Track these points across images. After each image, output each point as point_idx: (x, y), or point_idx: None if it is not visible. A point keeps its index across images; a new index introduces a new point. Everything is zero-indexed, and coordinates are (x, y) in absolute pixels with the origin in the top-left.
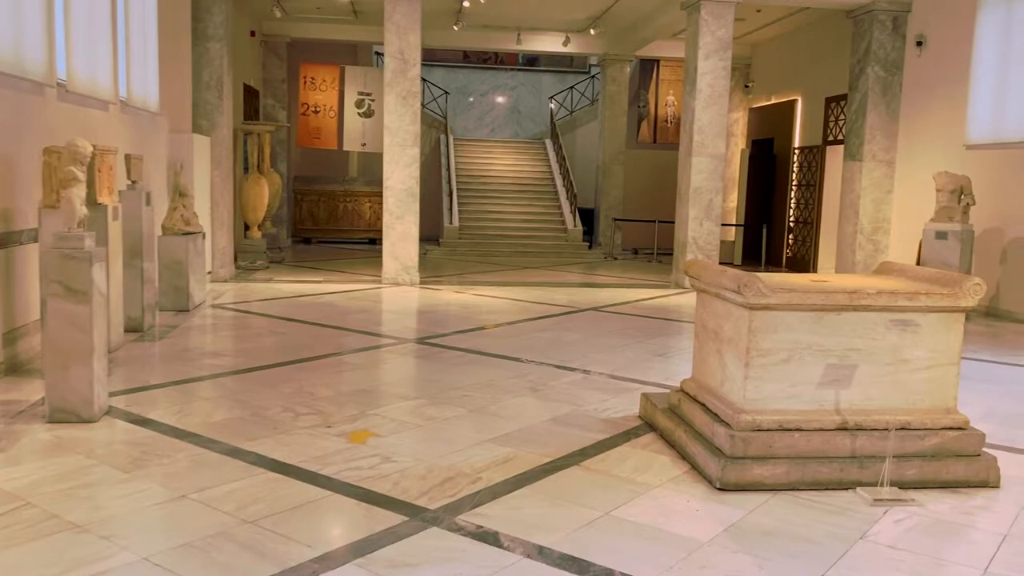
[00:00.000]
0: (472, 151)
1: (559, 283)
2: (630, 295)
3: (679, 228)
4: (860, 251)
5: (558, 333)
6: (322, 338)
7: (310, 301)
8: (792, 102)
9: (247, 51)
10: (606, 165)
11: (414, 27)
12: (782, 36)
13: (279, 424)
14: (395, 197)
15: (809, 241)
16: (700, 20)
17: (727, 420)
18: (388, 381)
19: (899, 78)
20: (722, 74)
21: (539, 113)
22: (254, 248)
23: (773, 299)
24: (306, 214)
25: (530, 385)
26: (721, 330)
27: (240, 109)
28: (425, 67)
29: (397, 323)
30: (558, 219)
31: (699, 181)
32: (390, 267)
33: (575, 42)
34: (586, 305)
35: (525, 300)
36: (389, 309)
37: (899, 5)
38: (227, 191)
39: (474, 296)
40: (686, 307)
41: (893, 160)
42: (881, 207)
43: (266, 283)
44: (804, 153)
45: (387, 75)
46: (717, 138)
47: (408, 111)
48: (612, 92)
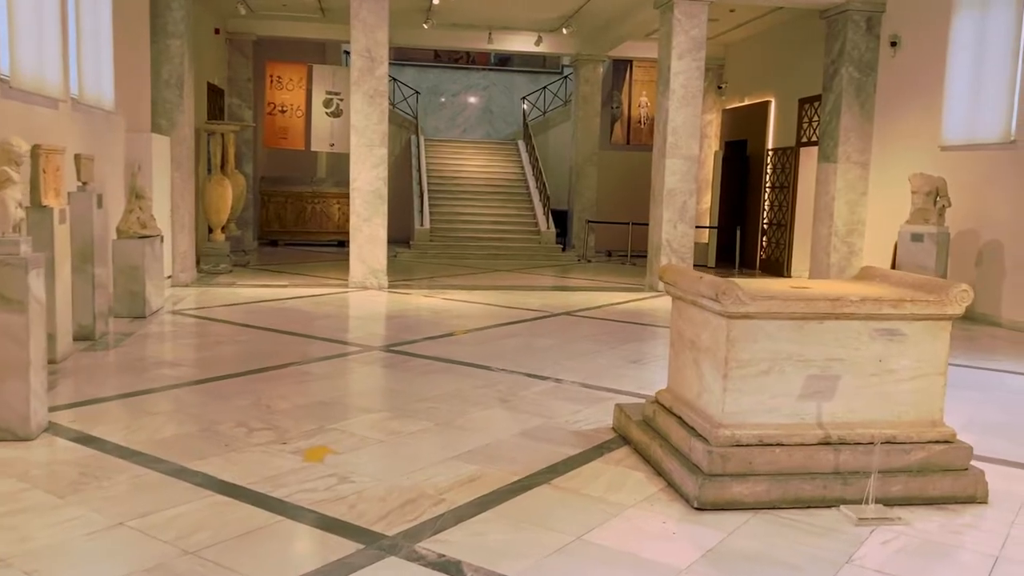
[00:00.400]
0: (443, 152)
1: (531, 286)
2: (603, 299)
3: (653, 230)
4: (835, 253)
5: (529, 339)
6: (284, 346)
7: (274, 306)
8: (765, 103)
9: (211, 49)
10: (579, 166)
11: (381, 24)
12: (755, 37)
13: (231, 441)
14: (362, 199)
15: (783, 243)
16: (673, 20)
17: (705, 435)
18: (351, 392)
19: (873, 79)
20: (696, 74)
21: (511, 114)
22: (217, 251)
23: (752, 307)
24: (273, 216)
25: (499, 395)
26: (698, 339)
27: (203, 108)
28: (395, 66)
29: (363, 329)
30: (531, 221)
31: (673, 183)
32: (357, 271)
33: (547, 42)
34: (559, 309)
35: (497, 304)
36: (356, 314)
37: (873, 5)
38: (188, 192)
39: (444, 300)
40: (660, 311)
41: (867, 162)
42: (855, 209)
43: (229, 288)
44: (778, 155)
45: (354, 73)
46: (691, 139)
47: (376, 110)
48: (585, 93)
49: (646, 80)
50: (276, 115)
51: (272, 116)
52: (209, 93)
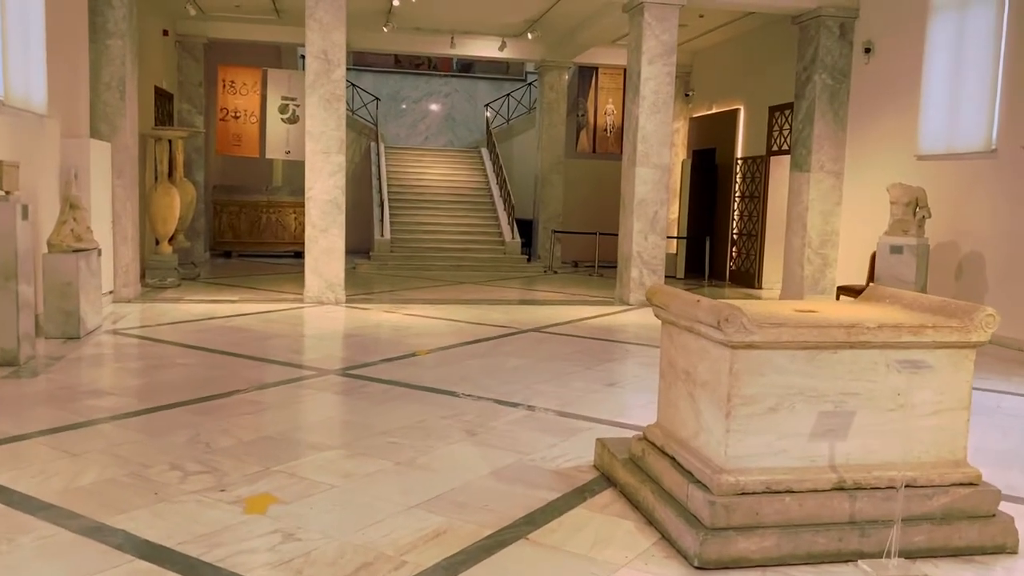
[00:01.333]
0: (404, 160)
1: (497, 300)
2: (573, 313)
3: (623, 241)
4: (808, 265)
5: (497, 359)
6: (231, 370)
7: (222, 324)
8: (734, 111)
9: (158, 51)
10: (544, 175)
11: (338, 25)
12: (724, 43)
13: (162, 488)
14: (318, 208)
15: (753, 254)
16: (643, 23)
17: (705, 481)
18: (301, 425)
19: (847, 86)
20: (667, 80)
21: (474, 121)
22: (164, 264)
23: (759, 336)
24: (226, 226)
25: (467, 427)
26: (694, 371)
27: (149, 113)
28: (354, 72)
29: (318, 350)
30: (495, 231)
31: (644, 192)
32: (313, 285)
33: (512, 47)
34: (527, 325)
35: (461, 320)
36: (310, 333)
37: (846, 11)
38: (131, 202)
39: (405, 316)
40: (631, 326)
41: (841, 171)
42: (829, 220)
43: (175, 303)
44: (747, 164)
45: (309, 76)
46: (662, 147)
47: (332, 115)
48: (550, 100)
49: (612, 87)
50: (229, 121)
51: (225, 122)
52: (157, 98)
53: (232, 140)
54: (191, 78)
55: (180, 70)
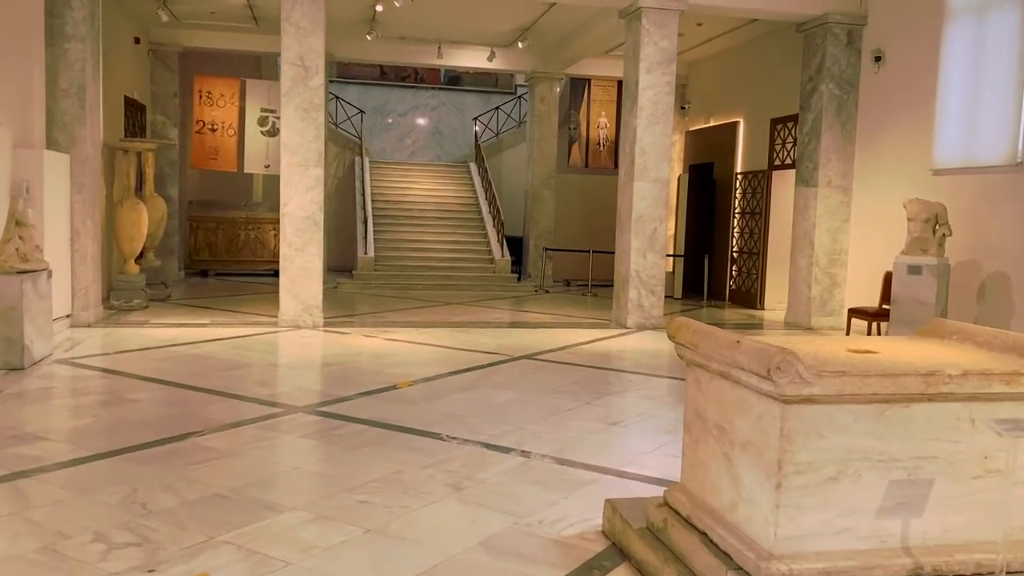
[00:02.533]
0: (390, 174)
1: (486, 323)
2: (567, 337)
3: (620, 260)
4: (816, 285)
5: (486, 392)
6: (188, 407)
7: (186, 352)
8: (733, 124)
9: (130, 60)
10: (535, 190)
11: (316, 29)
12: (722, 53)
13: (76, 568)
14: (294, 225)
15: (755, 273)
16: (641, 29)
17: (748, 568)
18: (260, 478)
19: (855, 96)
20: (666, 89)
21: (462, 135)
22: (130, 285)
23: (819, 388)
24: (202, 243)
25: (451, 478)
26: (731, 427)
27: (119, 124)
28: (338, 84)
29: (288, 383)
30: (484, 249)
31: (642, 208)
32: (289, 307)
33: (501, 58)
34: (518, 351)
35: (447, 346)
36: (283, 362)
37: (854, 18)
38: (92, 218)
39: (388, 342)
40: (630, 352)
41: (850, 186)
42: (838, 237)
43: (138, 328)
44: (748, 179)
45: (284, 84)
46: (661, 160)
47: (310, 126)
48: (541, 112)
49: (606, 100)
50: (205, 134)
51: (201, 135)
52: (128, 108)
53: (209, 154)
54: (165, 88)
55: (153, 80)
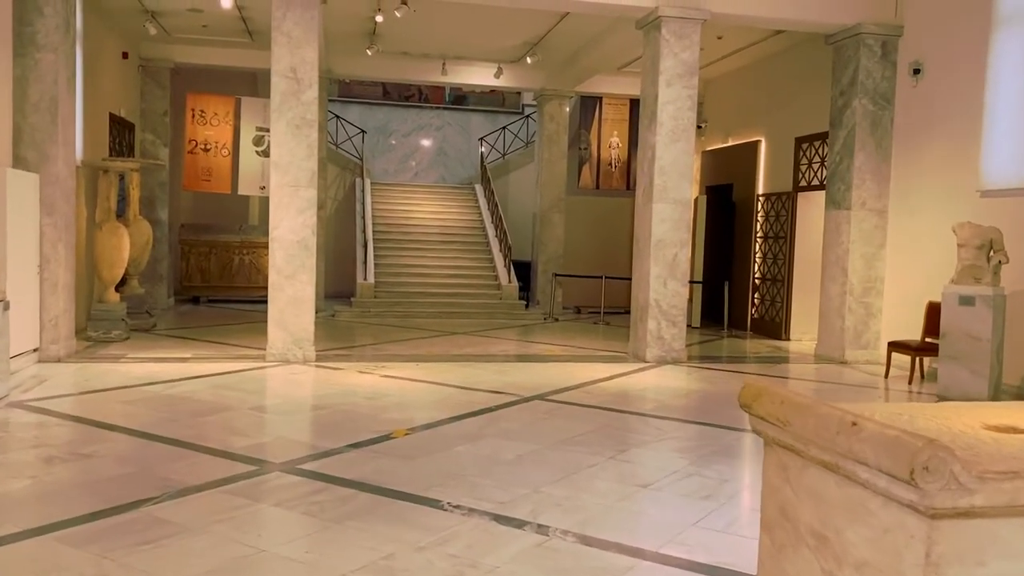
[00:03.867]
0: (392, 196)
1: (493, 356)
2: (582, 373)
3: (638, 288)
4: (850, 315)
5: (494, 443)
6: (147, 464)
7: (160, 393)
8: (754, 143)
9: (117, 75)
10: (544, 213)
11: (310, 39)
12: (742, 70)
13: None
14: (285, 251)
15: (779, 301)
16: (661, 40)
17: None
18: (215, 567)
19: (890, 113)
20: (688, 104)
21: (468, 156)
22: (109, 315)
23: (982, 496)
24: (194, 269)
25: (453, 568)
26: (837, 538)
27: (103, 143)
28: (339, 103)
29: (269, 431)
30: (490, 274)
31: (662, 232)
32: (277, 340)
33: (508, 74)
34: (528, 391)
35: (450, 384)
36: (266, 405)
37: (888, 28)
38: (65, 243)
39: (384, 379)
40: (654, 392)
41: (885, 209)
42: (873, 264)
43: (113, 363)
44: (771, 201)
45: (275, 98)
46: (682, 180)
47: (302, 143)
48: (550, 132)
49: (617, 119)
50: (198, 154)
51: (193, 155)
52: (115, 127)
53: (201, 175)
54: (155, 106)
55: (143, 97)
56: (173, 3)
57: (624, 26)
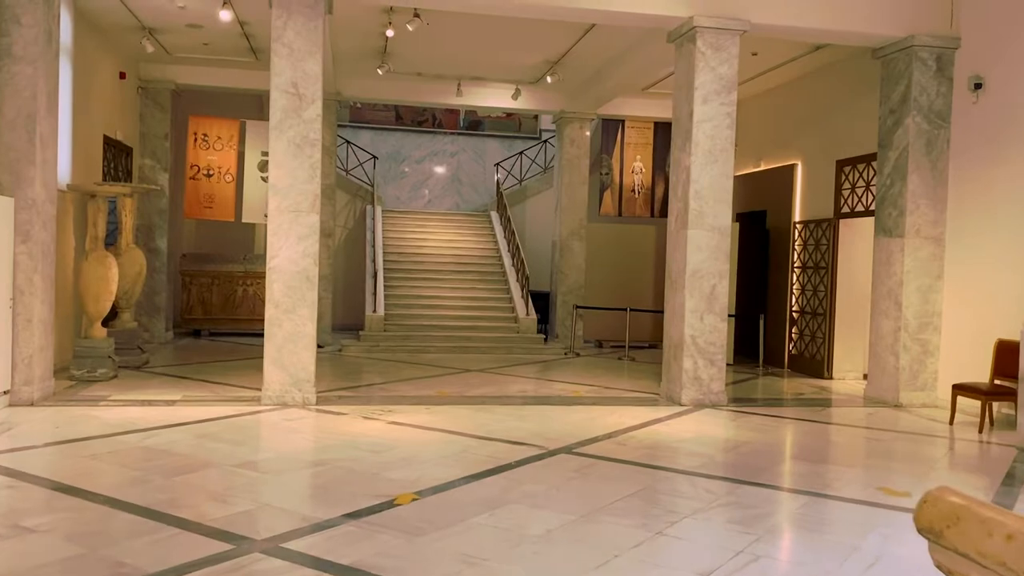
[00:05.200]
0: (404, 224)
1: (511, 398)
2: (611, 419)
3: (671, 323)
4: (905, 353)
5: (517, 513)
6: (98, 543)
7: (136, 444)
8: (790, 167)
9: (114, 96)
10: (564, 241)
11: (313, 51)
12: (775, 90)
13: None
14: (284, 282)
15: (820, 336)
16: (696, 53)
17: None
18: None
19: (947, 132)
20: (726, 122)
21: (483, 183)
22: (95, 352)
23: None
24: (196, 300)
25: None
26: None
27: (96, 167)
28: (351, 128)
29: (253, 496)
30: (507, 306)
31: (698, 261)
32: (275, 381)
33: (527, 96)
34: (553, 441)
35: (465, 433)
36: (254, 461)
37: (944, 40)
38: (42, 274)
39: (391, 427)
40: (695, 443)
41: (942, 236)
42: (929, 297)
43: (92, 407)
44: (809, 228)
45: (274, 115)
46: (720, 205)
47: (304, 164)
48: (570, 156)
49: (641, 143)
50: (200, 180)
51: (195, 181)
52: (110, 150)
53: (203, 202)
54: (155, 130)
55: (143, 120)
56: (171, 18)
57: (652, 41)
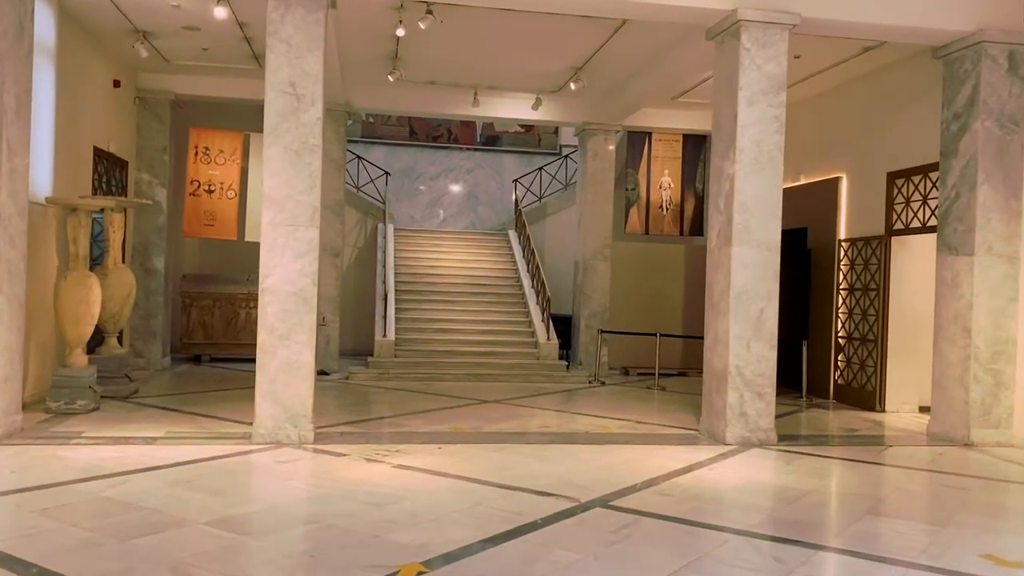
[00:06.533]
0: (417, 243)
1: (533, 435)
2: (649, 462)
3: (713, 351)
4: (976, 386)
5: None
6: None
7: (98, 495)
8: (833, 181)
9: (107, 105)
10: (587, 261)
11: (313, 47)
12: (818, 98)
13: None
14: (278, 304)
15: (871, 365)
16: (740, 50)
17: None
18: None
19: (1020, 137)
20: (775, 127)
21: (500, 200)
22: (73, 381)
23: None
24: (196, 324)
25: None
26: None
27: (85, 179)
28: (363, 144)
29: (220, 568)
30: (526, 330)
31: (744, 282)
32: (267, 417)
33: (547, 107)
34: (585, 490)
35: (482, 480)
36: (232, 517)
37: (1016, 35)
38: (8, 296)
39: (397, 472)
40: (751, 493)
41: (1017, 254)
42: (1002, 322)
43: (61, 445)
44: (856, 247)
45: (269, 118)
46: (768, 218)
47: (302, 172)
48: (594, 170)
49: (669, 156)
50: (201, 196)
51: (196, 197)
52: (102, 163)
53: (204, 219)
54: (153, 142)
55: (140, 132)
56: (166, 19)
57: (685, 42)
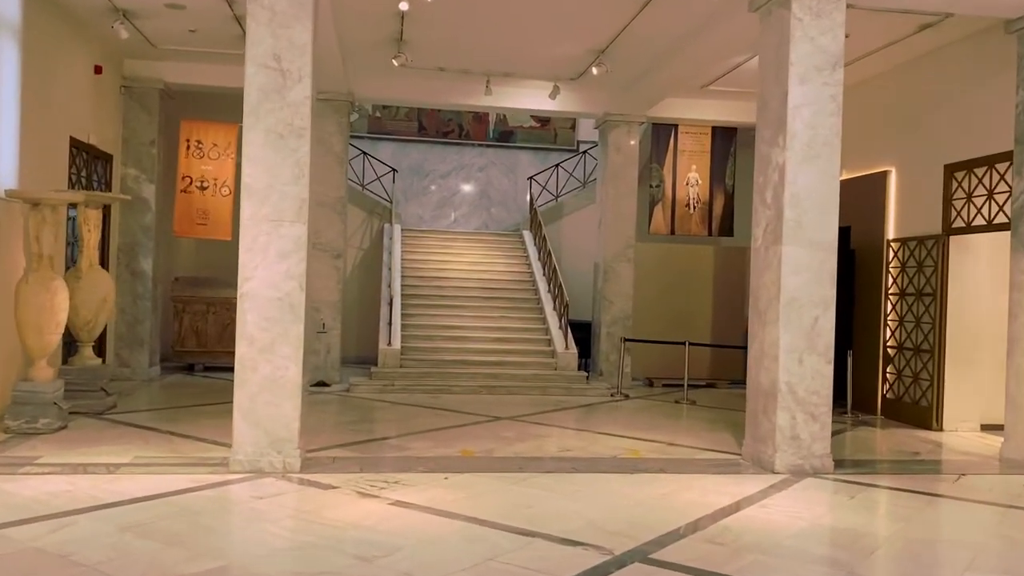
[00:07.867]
0: (425, 245)
1: (553, 460)
2: (688, 494)
3: (760, 365)
4: None
5: None
6: None
7: (30, 543)
8: (880, 175)
9: (86, 93)
10: (608, 264)
11: (302, 16)
12: (864, 83)
13: None
14: (259, 311)
15: (926, 378)
16: (791, 20)
17: None
18: None
19: None
20: (831, 108)
21: (514, 200)
22: (36, 397)
23: None
24: (188, 331)
25: None
26: None
27: (60, 174)
28: (369, 140)
29: None
30: (542, 338)
31: (796, 287)
32: (246, 441)
33: (565, 97)
34: (616, 537)
35: (495, 521)
36: (186, 573)
37: None
38: None
39: (394, 510)
40: (815, 536)
41: None
42: None
43: (8, 475)
44: (908, 247)
45: (249, 96)
46: (825, 215)
47: (287, 159)
48: (616, 165)
49: (697, 150)
50: (193, 192)
51: (187, 194)
52: (80, 156)
53: (196, 218)
54: (140, 135)
55: (126, 124)
56: None
57: (721, 19)
